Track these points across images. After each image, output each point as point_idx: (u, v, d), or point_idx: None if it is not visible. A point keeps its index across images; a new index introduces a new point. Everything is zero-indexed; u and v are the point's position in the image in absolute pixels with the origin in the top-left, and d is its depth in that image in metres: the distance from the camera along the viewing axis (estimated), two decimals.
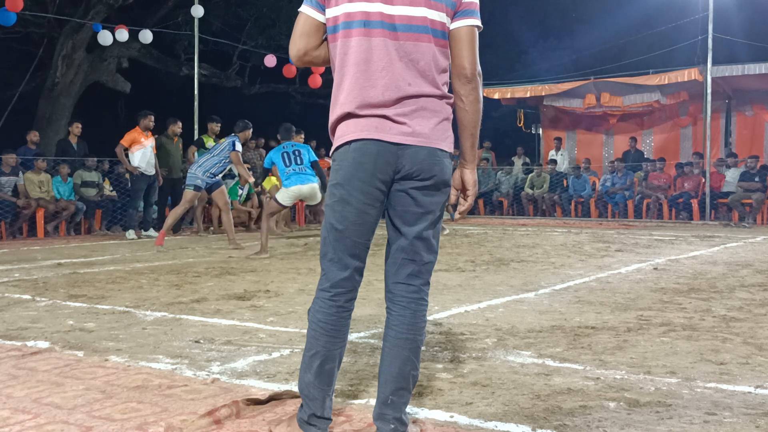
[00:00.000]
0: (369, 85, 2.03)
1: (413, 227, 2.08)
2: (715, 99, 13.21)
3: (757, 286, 5.11)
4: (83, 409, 2.47)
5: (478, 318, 4.02)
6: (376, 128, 2.02)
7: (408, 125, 2.02)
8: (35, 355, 3.23)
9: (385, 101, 2.02)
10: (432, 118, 2.05)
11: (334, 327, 2.09)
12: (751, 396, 2.58)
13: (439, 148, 2.06)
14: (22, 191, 10.28)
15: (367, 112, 2.03)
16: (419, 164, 2.03)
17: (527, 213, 14.66)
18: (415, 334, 2.09)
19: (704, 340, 3.43)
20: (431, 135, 2.04)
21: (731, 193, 12.41)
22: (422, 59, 2.03)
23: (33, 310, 4.39)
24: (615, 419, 2.33)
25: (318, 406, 2.09)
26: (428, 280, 2.14)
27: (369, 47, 2.02)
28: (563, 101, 15.42)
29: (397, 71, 2.02)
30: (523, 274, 5.88)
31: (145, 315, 4.19)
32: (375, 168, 2.02)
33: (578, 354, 3.18)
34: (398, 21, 2.01)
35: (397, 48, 2.02)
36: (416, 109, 2.04)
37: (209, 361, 3.11)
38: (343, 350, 2.14)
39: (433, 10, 2.02)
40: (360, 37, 2.03)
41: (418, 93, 2.03)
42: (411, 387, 2.11)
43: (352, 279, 2.10)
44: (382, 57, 2.02)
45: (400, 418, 2.08)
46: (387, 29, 2.01)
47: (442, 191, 2.09)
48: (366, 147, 2.02)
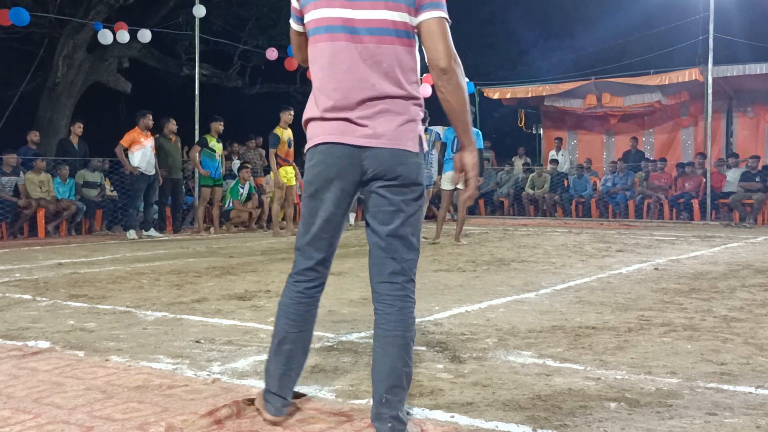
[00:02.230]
0: (332, 88, 2.12)
1: (388, 226, 2.14)
2: (716, 99, 13.21)
3: (757, 287, 5.11)
4: (84, 409, 2.47)
5: (479, 318, 4.02)
6: (341, 132, 2.11)
7: (370, 127, 2.09)
8: (36, 355, 3.23)
9: (349, 104, 2.10)
10: (396, 118, 2.11)
11: (293, 311, 2.25)
12: (752, 396, 2.57)
13: (402, 149, 2.11)
14: (23, 191, 10.28)
15: (332, 116, 2.13)
16: (382, 165, 2.10)
17: (528, 213, 14.66)
18: (404, 331, 2.14)
19: (705, 341, 3.43)
20: (394, 136, 2.10)
21: (732, 193, 12.41)
22: (385, 61, 2.09)
23: (34, 310, 4.39)
24: (616, 419, 2.33)
25: (273, 383, 2.27)
26: (411, 278, 2.19)
27: (333, 51, 2.11)
28: (564, 101, 15.42)
29: (360, 74, 2.09)
30: (524, 274, 5.88)
31: (145, 315, 4.20)
32: (339, 170, 2.13)
33: (579, 354, 3.18)
34: (360, 24, 2.09)
35: (360, 51, 2.09)
36: (380, 111, 2.10)
37: (210, 361, 3.11)
38: (304, 336, 2.28)
39: (393, 11, 2.08)
40: (325, 42, 2.13)
41: (381, 94, 2.09)
42: (405, 384, 2.13)
43: (314, 270, 2.24)
44: (345, 60, 2.10)
45: (397, 416, 2.10)
46: (349, 33, 2.09)
47: (412, 189, 2.14)
48: (331, 150, 2.13)
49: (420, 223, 2.20)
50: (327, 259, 2.25)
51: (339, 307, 4.35)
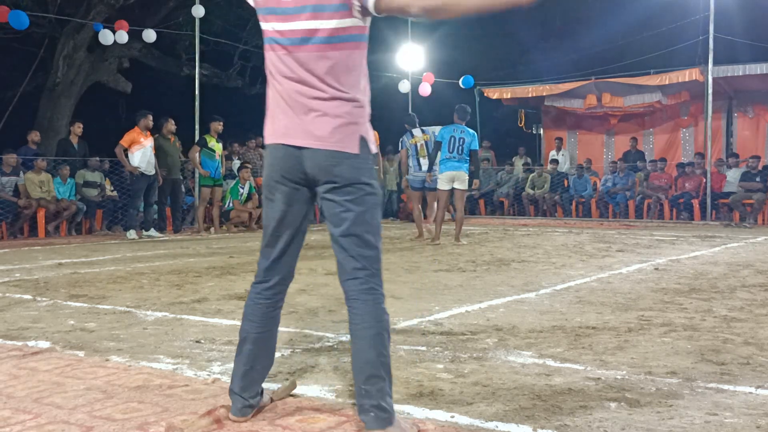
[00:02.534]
0: (277, 94, 2.26)
1: (340, 227, 2.21)
2: (716, 99, 13.21)
3: (758, 287, 5.11)
4: (84, 409, 2.47)
5: (479, 318, 4.02)
6: (283, 134, 2.23)
7: (309, 129, 2.19)
8: (36, 355, 3.24)
9: (291, 108, 2.21)
10: (333, 121, 2.18)
11: (251, 311, 2.33)
12: (753, 396, 2.57)
13: (338, 150, 2.18)
14: (23, 191, 10.29)
15: (280, 119, 2.25)
16: (318, 166, 2.19)
17: (528, 213, 14.66)
18: (373, 323, 2.21)
19: (705, 341, 3.43)
20: (330, 138, 2.18)
21: (732, 193, 12.41)
22: (321, 66, 2.18)
23: (34, 310, 4.39)
24: (616, 419, 2.33)
25: (235, 383, 2.32)
26: (374, 272, 2.25)
27: (275, 60, 2.25)
28: (564, 101, 15.41)
29: (298, 79, 2.20)
30: (524, 274, 5.87)
31: (146, 315, 4.20)
32: (282, 169, 2.24)
33: (579, 354, 3.18)
34: (291, 36, 2.20)
35: (296, 59, 2.20)
36: (319, 114, 2.19)
37: (210, 361, 3.11)
38: (265, 338, 2.32)
39: (322, 21, 2.16)
40: (269, 52, 2.28)
41: (319, 97, 2.18)
42: (383, 374, 2.17)
43: (272, 270, 2.31)
44: (282, 68, 2.23)
45: (378, 404, 2.14)
46: (284, 44, 2.21)
47: (357, 188, 2.20)
48: (275, 151, 2.26)
49: (375, 219, 2.24)
50: (284, 261, 2.31)
51: (339, 307, 4.35)
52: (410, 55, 16.17)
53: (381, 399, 2.15)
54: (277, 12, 2.22)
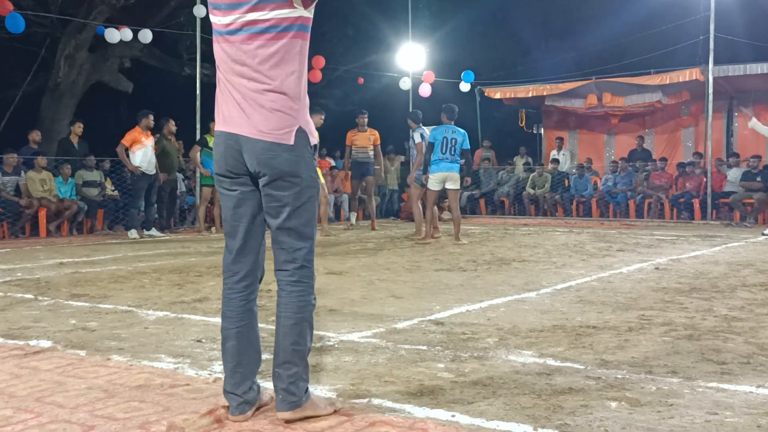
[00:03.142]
0: (221, 84, 2.31)
1: (276, 220, 2.28)
2: (717, 99, 13.20)
3: (758, 286, 5.11)
4: (85, 408, 2.47)
5: (480, 317, 4.03)
6: (225, 122, 2.29)
7: (248, 120, 2.23)
8: (37, 355, 3.24)
9: (233, 98, 2.26)
10: (269, 113, 2.22)
11: (228, 308, 2.36)
12: (753, 396, 2.58)
13: (274, 142, 2.22)
14: (25, 191, 10.30)
15: (223, 108, 2.30)
16: (257, 158, 2.23)
17: (529, 213, 14.66)
18: (293, 313, 2.30)
19: (706, 340, 3.43)
20: (267, 129, 2.22)
21: (733, 192, 12.40)
22: (257, 58, 2.21)
23: (35, 310, 4.39)
24: (616, 419, 2.34)
25: (227, 381, 2.35)
26: (304, 264, 2.31)
27: (218, 51, 2.30)
28: (565, 101, 15.41)
29: (237, 71, 2.24)
30: (525, 273, 5.88)
31: (147, 314, 4.20)
32: (227, 163, 2.29)
33: (579, 353, 3.19)
34: (230, 27, 2.24)
35: (234, 50, 2.24)
36: (256, 106, 2.22)
37: (211, 361, 3.11)
38: (245, 332, 2.34)
39: (260, 12, 2.19)
40: (215, 44, 2.32)
41: (256, 89, 2.22)
42: (297, 361, 2.29)
43: (237, 262, 2.34)
44: (225, 60, 2.27)
45: (287, 388, 2.28)
46: (224, 35, 2.26)
47: (291, 182, 2.24)
48: (219, 138, 2.31)
49: (310, 213, 2.30)
50: (248, 252, 2.34)
51: (340, 306, 4.35)
52: (411, 55, 16.18)
53: (291, 383, 2.27)
54: (220, 6, 2.26)
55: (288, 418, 2.28)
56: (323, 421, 2.31)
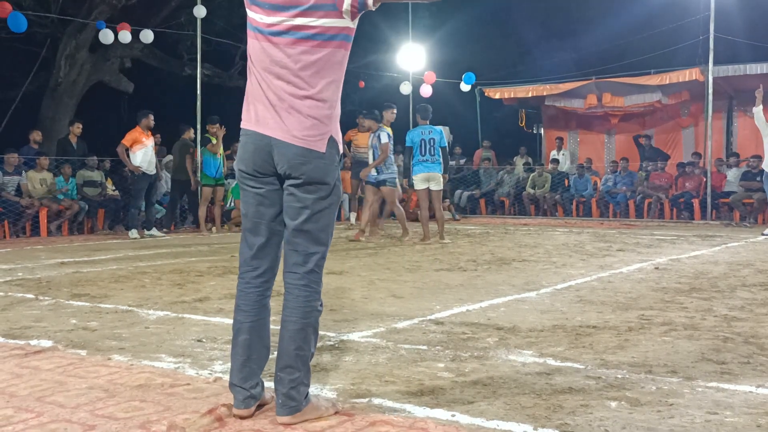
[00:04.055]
0: (256, 83, 2.29)
1: (294, 221, 2.29)
2: (717, 99, 13.21)
3: (758, 286, 5.11)
4: (86, 407, 2.48)
5: (480, 317, 4.03)
6: (258, 122, 2.29)
7: (282, 123, 2.24)
8: (38, 354, 3.25)
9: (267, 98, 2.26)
10: (305, 119, 2.24)
11: (243, 302, 2.37)
12: (753, 395, 2.58)
13: (307, 148, 2.24)
14: (25, 191, 10.31)
15: (256, 106, 2.29)
16: (287, 161, 2.25)
17: (529, 212, 14.66)
18: (299, 318, 2.30)
19: (705, 340, 3.43)
20: (301, 135, 2.24)
21: (733, 192, 12.41)
22: (300, 63, 2.22)
23: (36, 309, 4.40)
24: (616, 418, 2.34)
25: (235, 375, 2.35)
26: (313, 269, 2.32)
27: (257, 50, 2.28)
28: (565, 101, 15.42)
29: (276, 73, 2.24)
30: (525, 273, 5.88)
31: (147, 314, 4.21)
32: (255, 162, 2.30)
33: (579, 353, 3.19)
34: (275, 28, 2.23)
35: (276, 52, 2.24)
36: (293, 110, 2.24)
37: (212, 360, 3.12)
38: (258, 327, 2.36)
39: (309, 18, 2.20)
40: (252, 40, 2.29)
41: (294, 94, 2.24)
42: (299, 365, 2.30)
43: (257, 258, 2.36)
44: (263, 59, 2.26)
45: (288, 393, 2.28)
46: (267, 35, 2.25)
47: (317, 188, 2.27)
48: (249, 138, 2.31)
49: (329, 219, 2.32)
50: (270, 248, 2.36)
51: (340, 306, 4.36)
52: (411, 55, 16.18)
53: (292, 388, 2.28)
54: (265, 5, 2.24)
55: (287, 423, 2.29)
56: (323, 421, 2.32)
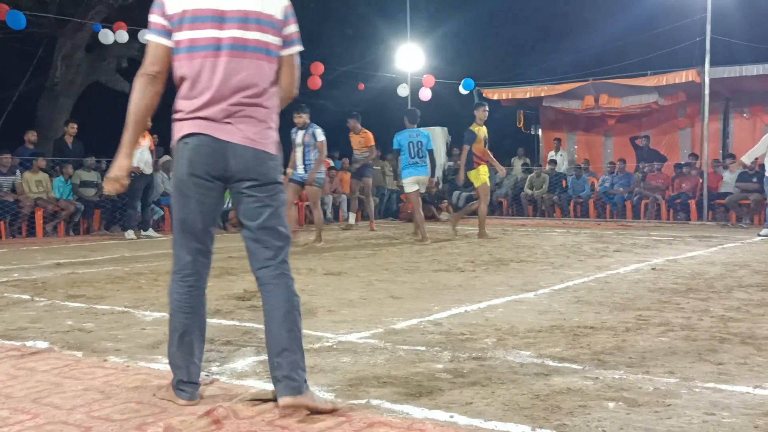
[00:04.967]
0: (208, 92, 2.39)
1: (257, 220, 2.43)
2: (713, 100, 13.23)
3: (754, 287, 5.12)
4: (82, 409, 2.47)
5: (478, 318, 4.03)
6: (213, 128, 2.38)
7: (239, 128, 2.39)
8: (34, 355, 3.23)
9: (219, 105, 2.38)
10: (259, 124, 2.43)
11: (187, 304, 2.46)
12: (750, 396, 2.58)
13: (263, 151, 2.43)
14: (20, 191, 10.28)
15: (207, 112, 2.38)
16: (245, 164, 2.39)
17: (527, 213, 14.68)
18: (285, 302, 2.42)
19: (702, 340, 3.44)
20: (257, 139, 2.41)
21: (729, 193, 12.43)
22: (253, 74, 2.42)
23: (32, 310, 4.39)
24: (614, 419, 2.34)
25: (183, 372, 2.48)
26: (284, 259, 2.47)
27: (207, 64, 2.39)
28: (562, 102, 15.43)
29: (228, 82, 2.39)
30: (523, 274, 5.88)
31: (144, 315, 4.19)
32: (207, 165, 2.38)
33: (577, 354, 3.19)
34: (230, 42, 2.40)
35: (231, 64, 2.39)
36: (247, 116, 2.40)
37: (209, 362, 3.11)
38: (201, 324, 2.50)
39: (259, 33, 2.42)
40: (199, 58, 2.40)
41: (247, 102, 2.41)
42: (294, 347, 2.39)
43: (197, 261, 2.47)
44: (218, 72, 2.39)
45: (289, 375, 2.36)
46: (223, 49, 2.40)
47: (274, 187, 2.45)
48: (201, 142, 2.38)
49: (284, 214, 2.50)
50: (209, 250, 2.50)
51: (338, 307, 4.35)
52: (409, 56, 16.18)
53: (292, 370, 2.36)
54: (217, 19, 2.39)
55: (290, 404, 2.33)
56: (321, 422, 2.31)
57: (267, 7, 2.45)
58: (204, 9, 2.39)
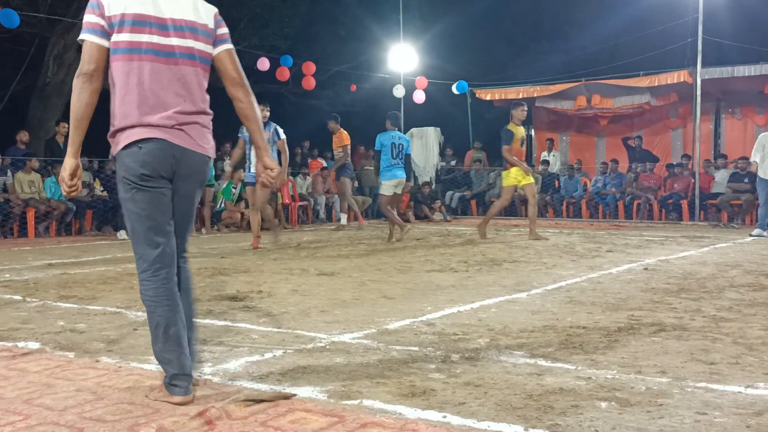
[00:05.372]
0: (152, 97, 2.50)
1: (185, 213, 2.67)
2: (705, 101, 13.30)
3: (746, 287, 5.15)
4: (74, 410, 2.46)
5: (471, 318, 4.03)
6: (165, 132, 2.52)
7: (188, 134, 2.56)
8: (26, 356, 3.22)
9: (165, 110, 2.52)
10: (203, 129, 2.62)
11: (164, 297, 2.53)
12: (742, 396, 2.59)
13: (207, 155, 2.64)
14: (12, 191, 10.23)
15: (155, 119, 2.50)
16: (194, 166, 2.60)
17: (519, 213, 14.70)
18: (191, 285, 2.76)
19: (694, 340, 3.45)
20: (202, 143, 2.61)
21: (721, 194, 12.50)
22: (194, 82, 2.58)
23: (24, 311, 4.36)
24: (606, 419, 2.35)
25: (175, 366, 2.51)
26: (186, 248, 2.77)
27: (150, 69, 2.50)
28: (555, 103, 15.48)
29: (173, 89, 2.53)
30: (516, 274, 5.89)
31: (136, 316, 4.18)
32: (159, 165, 2.52)
33: (570, 354, 3.20)
34: (172, 50, 2.53)
35: (174, 72, 2.54)
36: (193, 123, 2.58)
37: (201, 362, 3.10)
38: (182, 315, 2.57)
39: (198, 42, 2.59)
40: (142, 61, 2.50)
41: (192, 110, 2.57)
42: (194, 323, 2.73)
43: (165, 254, 2.57)
44: (159, 78, 2.51)
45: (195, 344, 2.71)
46: (162, 56, 2.52)
47: (203, 186, 2.72)
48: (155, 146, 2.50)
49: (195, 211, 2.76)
50: (174, 243, 2.63)
51: (331, 307, 4.35)
52: (402, 56, 16.19)
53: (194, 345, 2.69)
54: (158, 26, 2.52)
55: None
56: (315, 423, 2.31)
57: (201, 16, 2.61)
58: (146, 15, 2.51)
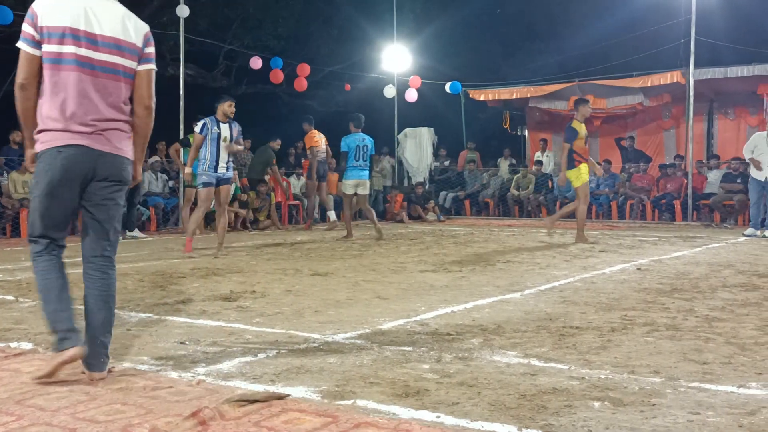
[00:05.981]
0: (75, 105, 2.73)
1: (106, 215, 2.88)
2: (698, 101, 13.37)
3: (738, 287, 5.17)
4: (67, 410, 2.45)
5: (465, 318, 4.04)
6: (87, 139, 2.76)
7: (108, 139, 2.81)
8: (19, 357, 3.21)
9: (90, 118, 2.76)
10: (123, 135, 2.88)
11: (55, 267, 2.89)
12: (734, 396, 2.61)
13: (127, 158, 2.90)
14: (6, 192, 10.17)
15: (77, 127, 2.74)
16: (114, 169, 2.84)
17: (513, 214, 14.74)
18: (110, 288, 2.92)
19: (687, 340, 3.47)
20: (123, 147, 2.87)
21: (713, 194, 12.55)
22: (118, 94, 2.85)
23: (16, 311, 4.34)
24: (600, 419, 2.35)
25: (68, 321, 2.80)
26: (115, 249, 2.96)
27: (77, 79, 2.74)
28: (548, 103, 15.52)
29: (96, 99, 2.78)
30: (509, 274, 5.90)
31: (129, 316, 4.17)
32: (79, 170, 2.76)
33: (563, 354, 3.20)
34: (101, 64, 2.79)
35: (95, 82, 2.78)
36: (115, 129, 2.84)
37: (194, 363, 3.09)
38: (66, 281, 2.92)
39: (125, 59, 2.85)
40: (69, 71, 2.73)
41: (112, 117, 2.83)
42: (111, 328, 2.91)
43: (57, 241, 2.94)
44: (87, 90, 2.76)
45: (107, 352, 2.87)
46: (89, 68, 2.76)
47: (124, 187, 2.93)
48: (74, 150, 2.74)
49: (121, 211, 2.96)
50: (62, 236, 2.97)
51: (325, 307, 4.34)
52: (396, 57, 16.18)
53: (108, 347, 2.88)
54: (87, 40, 2.75)
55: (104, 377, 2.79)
56: (309, 423, 2.31)
57: (131, 35, 2.87)
58: (76, 29, 2.73)
